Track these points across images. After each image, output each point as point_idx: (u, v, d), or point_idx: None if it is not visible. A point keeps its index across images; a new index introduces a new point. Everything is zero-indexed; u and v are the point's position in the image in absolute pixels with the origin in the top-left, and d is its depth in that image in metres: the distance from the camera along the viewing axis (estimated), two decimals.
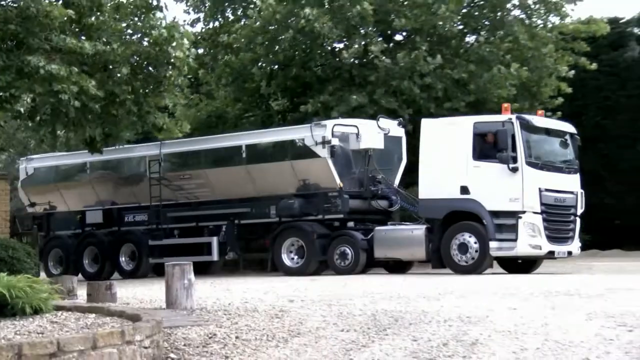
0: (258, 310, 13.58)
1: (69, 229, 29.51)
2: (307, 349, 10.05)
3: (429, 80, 28.95)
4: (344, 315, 12.64)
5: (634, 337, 9.97)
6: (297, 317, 12.53)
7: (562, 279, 20.06)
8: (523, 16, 31.43)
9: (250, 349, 10.08)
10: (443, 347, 9.74)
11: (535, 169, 22.11)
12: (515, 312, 12.58)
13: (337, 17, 29.46)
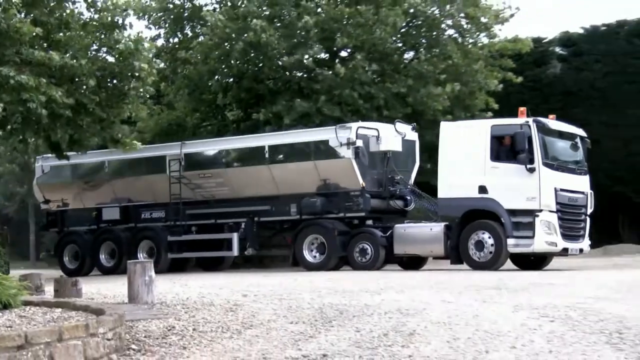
0: (214, 304, 13.53)
1: (84, 225, 28.50)
2: (259, 339, 10.00)
3: (371, 90, 29.12)
4: (294, 308, 12.63)
5: (555, 327, 10.05)
6: (250, 311, 12.51)
7: (492, 275, 20.18)
8: (456, 35, 31.69)
9: (206, 340, 10.03)
10: (383, 337, 9.73)
11: (551, 170, 21.71)
12: (449, 305, 12.65)
13: (284, 30, 29.52)
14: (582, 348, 8.62)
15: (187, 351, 9.36)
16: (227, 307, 13.10)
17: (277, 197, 25.08)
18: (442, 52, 30.47)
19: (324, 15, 29.74)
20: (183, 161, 26.34)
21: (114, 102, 24.70)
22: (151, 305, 13.40)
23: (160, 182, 26.66)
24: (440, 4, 30.81)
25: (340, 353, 8.88)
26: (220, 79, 31.91)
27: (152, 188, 27.16)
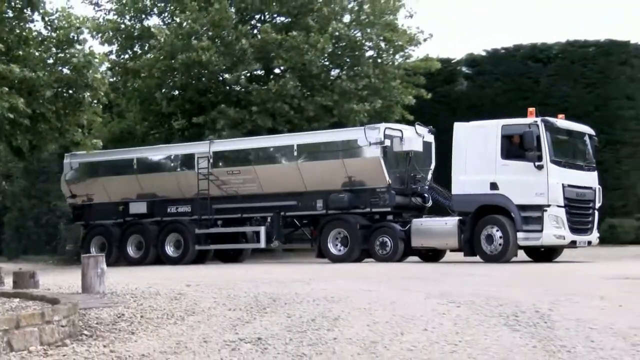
0: (160, 293, 13.40)
1: (111, 218, 26.94)
2: (200, 325, 9.93)
3: (301, 103, 29.20)
4: (232, 297, 12.57)
5: (461, 311, 10.13)
6: (193, 299, 12.43)
7: (410, 266, 20.30)
8: (376, 56, 31.90)
9: (152, 326, 9.93)
10: (312, 322, 9.70)
11: (559, 167, 20.76)
12: (370, 293, 12.69)
13: (224, 49, 29.43)
14: (484, 329, 8.69)
15: (135, 336, 9.25)
16: (172, 296, 13.00)
17: (303, 193, 23.99)
18: (362, 71, 30.62)
19: (259, 37, 29.77)
20: (211, 159, 25.23)
21: (70, 110, 24.52)
22: (103, 295, 13.24)
23: (188, 178, 25.51)
24: (361, 29, 31.03)
25: (273, 336, 8.83)
26: (166, 91, 31.59)
27: (179, 184, 25.93)
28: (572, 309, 9.92)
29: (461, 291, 12.33)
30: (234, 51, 29.31)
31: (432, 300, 11.41)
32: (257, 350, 8.13)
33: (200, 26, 29.22)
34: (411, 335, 8.50)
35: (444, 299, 11.44)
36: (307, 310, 10.69)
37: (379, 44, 31.58)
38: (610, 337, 7.91)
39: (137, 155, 27.21)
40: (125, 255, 26.05)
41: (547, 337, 8.09)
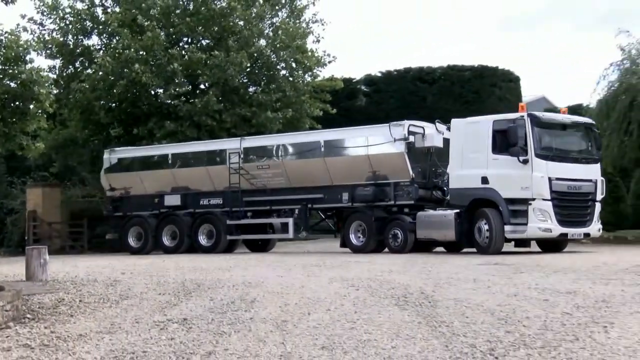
0: (98, 280, 13.13)
1: (147, 210, 25.07)
2: (133, 308, 9.78)
3: (222, 116, 29.17)
4: (162, 283, 12.40)
5: (359, 294, 10.19)
6: (127, 285, 12.22)
7: (316, 256, 20.31)
8: (288, 74, 32.04)
9: (90, 309, 9.72)
10: (231, 304, 9.65)
11: (546, 160, 18.44)
12: (282, 278, 12.67)
13: (157, 70, 29.18)
14: (378, 309, 8.75)
15: (74, 318, 9.04)
16: (108, 282, 12.75)
17: (330, 187, 22.04)
18: (277, 87, 30.79)
19: (187, 58, 29.61)
20: (242, 154, 23.48)
21: (17, 119, 23.79)
22: (45, 282, 12.88)
23: (220, 172, 23.72)
24: (276, 51, 31.13)
25: (197, 317, 8.75)
26: (104, 103, 31.10)
27: (211, 178, 24.07)
28: (450, 291, 10.08)
29: (360, 277, 12.41)
30: (165, 72, 29.12)
31: (335, 284, 11.45)
32: (183, 329, 8.04)
33: (135, 51, 28.91)
34: (317, 315, 8.51)
35: (345, 283, 11.49)
36: (228, 294, 10.62)
37: (291, 65, 31.75)
38: (481, 313, 8.06)
39: (172, 151, 25.65)
40: (160, 245, 24.51)
41: (430, 314, 8.19)
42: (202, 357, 6.52)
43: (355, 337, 6.97)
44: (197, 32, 30.84)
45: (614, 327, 6.95)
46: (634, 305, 8.20)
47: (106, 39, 31.48)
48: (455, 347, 6.34)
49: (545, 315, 7.72)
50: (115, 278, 13.42)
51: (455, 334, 6.94)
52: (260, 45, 30.71)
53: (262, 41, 31.15)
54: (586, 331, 6.79)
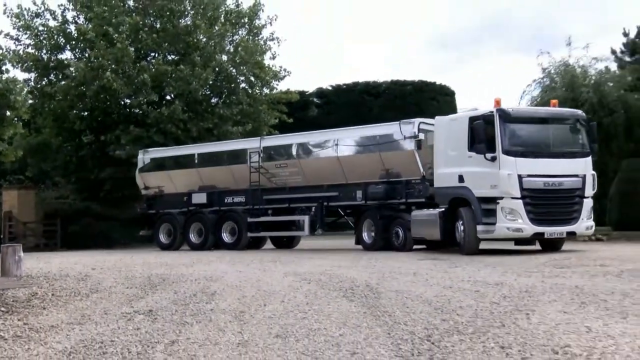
0: (69, 275, 12.90)
1: (177, 207, 23.82)
2: (102, 300, 9.62)
3: (187, 125, 29.02)
4: (129, 277, 12.23)
5: (311, 287, 10.19)
6: (97, 280, 12.02)
7: (275, 254, 20.27)
8: (248, 87, 32.02)
9: (62, 302, 9.53)
10: (193, 296, 9.56)
11: (515, 157, 16.03)
12: (240, 273, 12.61)
13: (127, 80, 28.83)
14: (328, 300, 8.76)
15: (46, 311, 8.86)
16: (79, 277, 12.54)
17: (344, 185, 20.35)
18: (237, 99, 30.82)
19: (154, 70, 29.38)
20: (262, 153, 22.09)
21: None
22: (19, 278, 12.55)
23: (242, 171, 22.34)
24: (236, 66, 31.12)
25: (162, 308, 8.65)
26: (77, 112, 30.67)
27: (234, 176, 22.75)
28: (393, 284, 10.14)
29: (312, 271, 12.41)
30: (134, 82, 28.84)
31: (289, 278, 11.44)
32: (148, 320, 7.95)
33: (107, 61, 28.59)
34: (272, 306, 8.49)
35: (298, 277, 11.49)
36: (190, 288, 10.53)
37: (250, 79, 31.82)
38: (420, 303, 8.13)
39: (197, 151, 24.50)
40: (188, 241, 23.34)
41: (374, 305, 8.22)
42: (166, 345, 6.45)
43: (306, 326, 6.98)
44: (163, 47, 30.72)
45: (534, 314, 7.08)
46: (552, 295, 8.37)
47: (79, 53, 31.13)
48: (397, 334, 6.39)
49: (476, 305, 7.82)
50: (86, 273, 13.21)
51: (396, 322, 6.99)
52: (222, 60, 30.79)
53: (224, 57, 31.21)
54: (511, 318, 6.90)
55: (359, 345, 5.93)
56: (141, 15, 30.16)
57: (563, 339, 5.87)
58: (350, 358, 5.46)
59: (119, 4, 30.13)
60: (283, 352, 5.80)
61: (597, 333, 6.05)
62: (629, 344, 5.61)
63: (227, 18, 31.46)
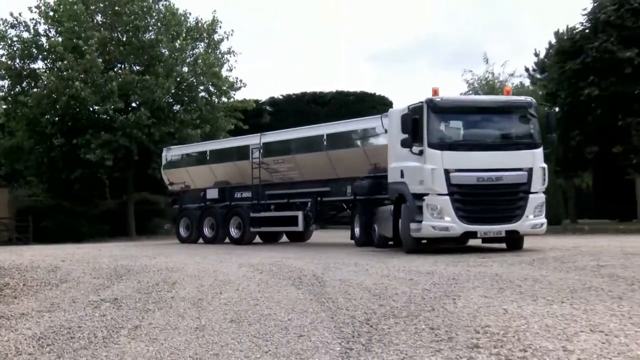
0: (40, 267, 12.51)
1: (195, 202, 22.36)
2: (71, 290, 9.41)
3: (151, 130, 28.71)
4: (97, 269, 11.95)
5: (262, 276, 10.12)
6: (66, 271, 11.71)
7: (230, 247, 20.10)
8: (207, 96, 31.84)
9: (32, 292, 9.30)
10: (155, 285, 9.42)
11: (441, 150, 13.35)
12: (199, 264, 12.46)
13: (95, 89, 28.40)
14: (278, 288, 8.73)
15: (17, 300, 8.64)
16: (50, 268, 12.18)
17: (335, 180, 18.42)
18: (197, 107, 30.66)
19: (121, 80, 28.99)
20: (262, 149, 20.37)
21: None
22: None
23: (246, 167, 20.69)
24: (196, 76, 30.89)
25: (126, 297, 8.51)
26: (49, 117, 30.01)
27: (240, 173, 21.06)
28: (336, 273, 10.15)
29: (264, 262, 12.34)
30: (102, 91, 28.41)
31: (243, 269, 11.36)
32: (114, 307, 7.82)
33: (76, 72, 28.10)
34: (227, 294, 8.43)
35: (251, 268, 11.41)
36: (153, 278, 10.37)
37: (209, 88, 31.68)
38: (360, 291, 8.17)
39: (209, 148, 22.89)
40: (202, 235, 21.90)
41: (320, 292, 8.24)
42: (129, 330, 6.35)
43: (258, 312, 6.95)
44: (129, 59, 30.42)
45: (460, 299, 7.19)
46: (476, 282, 8.51)
47: (50, 63, 30.58)
48: (339, 318, 6.42)
49: (410, 292, 7.90)
50: (56, 265, 12.86)
51: (339, 307, 7.02)
52: (183, 71, 30.64)
53: (185, 68, 31.05)
54: (440, 303, 6.99)
55: (305, 329, 5.93)
56: (108, 30, 29.82)
57: (484, 320, 5.98)
58: (297, 340, 5.46)
59: (88, 20, 29.66)
60: (237, 335, 5.77)
61: (512, 314, 6.18)
62: (538, 323, 5.76)
63: (187, 33, 31.20)
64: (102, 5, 30.17)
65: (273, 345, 5.28)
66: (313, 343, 5.29)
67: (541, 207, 13.68)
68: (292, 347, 5.16)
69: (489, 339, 5.19)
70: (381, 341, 5.26)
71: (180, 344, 5.49)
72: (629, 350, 4.78)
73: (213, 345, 5.38)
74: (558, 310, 6.28)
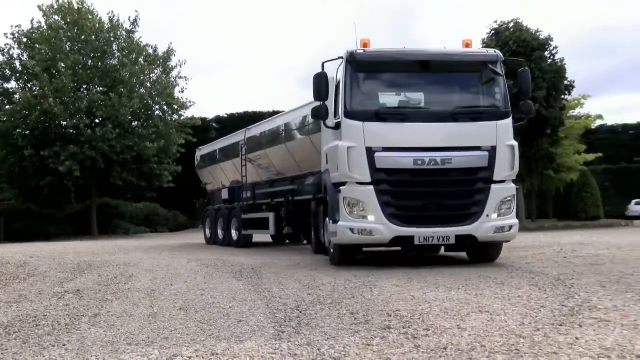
0: (10, 262, 11.93)
1: (218, 203, 18.36)
2: (38, 283, 8.94)
3: (112, 143, 28.03)
4: (62, 264, 11.48)
5: (208, 270, 9.93)
6: (34, 266, 11.20)
7: (182, 245, 19.65)
8: (161, 114, 31.30)
9: (2, 285, 8.76)
10: (114, 278, 9.09)
11: (363, 121, 8.30)
12: (153, 260, 12.15)
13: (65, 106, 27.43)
14: (222, 280, 8.57)
15: None
16: (19, 264, 11.63)
17: (301, 177, 13.52)
18: (153, 123, 30.18)
19: (88, 99, 28.18)
20: (246, 145, 16.30)
21: None
22: None
23: (239, 165, 16.84)
24: (152, 97, 30.41)
25: (88, 289, 8.16)
26: (21, 131, 28.72)
27: (239, 171, 16.85)
28: (272, 268, 10.06)
29: (210, 258, 12.18)
30: (71, 108, 27.57)
31: (192, 263, 11.15)
32: (76, 298, 7.48)
33: (49, 91, 27.27)
34: (177, 285, 8.22)
35: (199, 262, 11.23)
36: (113, 271, 10.03)
37: (163, 107, 31.32)
38: (292, 282, 8.11)
39: (219, 147, 18.81)
40: (215, 237, 18.01)
41: (258, 283, 8.12)
42: (90, 318, 6.09)
43: (204, 301, 6.81)
44: (95, 81, 29.86)
45: (376, 288, 7.24)
46: (390, 273, 8.54)
47: (23, 83, 29.54)
48: (274, 305, 6.35)
49: (335, 282, 7.91)
50: (24, 261, 12.28)
51: (274, 296, 6.95)
52: (142, 92, 30.22)
53: (142, 90, 30.63)
54: (359, 291, 7.03)
55: (244, 315, 5.84)
56: (77, 55, 29.09)
57: (395, 305, 6.03)
58: (237, 325, 5.36)
59: (60, 45, 28.78)
60: (185, 321, 5.62)
61: (419, 300, 6.27)
62: (439, 306, 5.86)
63: (146, 59, 30.78)
64: (72, 34, 29.50)
65: (216, 329, 5.17)
66: (251, 327, 5.21)
67: (509, 202, 8.49)
68: (232, 331, 5.07)
69: (399, 321, 5.24)
70: (309, 325, 5.23)
71: (135, 329, 5.30)
72: (507, 325, 4.95)
73: (164, 330, 5.22)
74: (455, 296, 6.42)
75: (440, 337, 4.60)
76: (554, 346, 4.24)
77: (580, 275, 7.82)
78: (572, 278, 7.54)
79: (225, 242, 17.01)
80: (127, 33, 30.42)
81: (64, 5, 29.64)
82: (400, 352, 4.22)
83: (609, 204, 32.09)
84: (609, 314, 5.31)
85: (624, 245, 13.04)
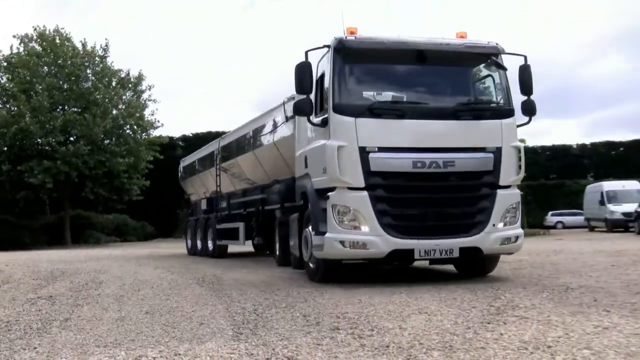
0: None
1: (198, 214, 16.26)
2: (12, 289, 8.52)
3: (86, 159, 27.36)
4: (36, 272, 11.01)
5: (174, 277, 9.71)
6: (8, 274, 10.70)
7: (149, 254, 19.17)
8: (132, 134, 30.72)
9: None
10: (85, 285, 8.75)
11: (355, 117, 6.52)
12: (122, 267, 11.80)
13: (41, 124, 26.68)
14: (186, 286, 8.33)
15: None
16: None
17: (269, 185, 11.34)
18: (124, 140, 29.63)
19: (63, 118, 27.49)
20: (219, 154, 14.27)
21: None
22: None
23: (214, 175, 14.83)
24: (124, 117, 29.81)
25: (60, 295, 7.83)
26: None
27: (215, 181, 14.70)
28: (233, 274, 9.92)
29: (175, 265, 11.92)
30: (46, 127, 26.81)
31: (158, 270, 10.89)
32: (48, 303, 7.16)
33: (26, 110, 26.51)
34: (144, 291, 7.98)
35: (164, 270, 10.98)
36: (84, 278, 9.66)
37: (133, 127, 30.80)
38: (250, 287, 8.01)
39: (197, 157, 16.83)
40: (195, 246, 16.10)
41: (219, 289, 7.98)
42: (61, 322, 5.84)
43: (168, 305, 6.64)
44: (70, 103, 29.20)
45: (327, 292, 7.19)
46: (341, 279, 8.38)
47: (1, 103, 28.69)
48: (233, 309, 6.26)
49: (289, 287, 7.81)
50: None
51: (233, 300, 6.85)
52: (114, 113, 29.77)
53: (115, 111, 30.17)
54: (311, 296, 6.97)
55: (206, 318, 5.74)
56: (53, 78, 28.40)
57: (344, 308, 6.01)
58: (199, 327, 5.26)
59: (37, 69, 28.09)
60: (150, 324, 5.47)
61: (365, 303, 6.27)
62: (383, 309, 5.89)
63: (118, 83, 30.29)
64: (49, 59, 28.82)
65: (179, 331, 5.05)
66: (211, 329, 5.11)
67: (515, 210, 7.09)
68: (194, 333, 4.96)
69: (347, 322, 5.25)
70: (265, 326, 5.18)
71: (103, 332, 5.12)
72: (442, 324, 5.02)
73: (131, 332, 5.06)
74: (397, 299, 6.45)
75: (384, 336, 4.61)
76: (482, 342, 4.33)
77: (506, 278, 8.05)
78: (499, 281, 7.76)
79: (203, 253, 15.26)
80: (100, 58, 29.97)
81: (42, 33, 28.94)
82: (347, 351, 4.22)
83: (531, 215, 33.34)
84: (528, 311, 5.46)
85: (541, 251, 13.51)
